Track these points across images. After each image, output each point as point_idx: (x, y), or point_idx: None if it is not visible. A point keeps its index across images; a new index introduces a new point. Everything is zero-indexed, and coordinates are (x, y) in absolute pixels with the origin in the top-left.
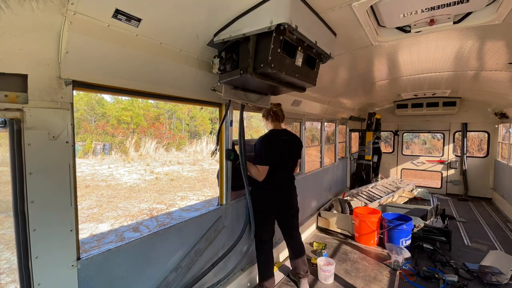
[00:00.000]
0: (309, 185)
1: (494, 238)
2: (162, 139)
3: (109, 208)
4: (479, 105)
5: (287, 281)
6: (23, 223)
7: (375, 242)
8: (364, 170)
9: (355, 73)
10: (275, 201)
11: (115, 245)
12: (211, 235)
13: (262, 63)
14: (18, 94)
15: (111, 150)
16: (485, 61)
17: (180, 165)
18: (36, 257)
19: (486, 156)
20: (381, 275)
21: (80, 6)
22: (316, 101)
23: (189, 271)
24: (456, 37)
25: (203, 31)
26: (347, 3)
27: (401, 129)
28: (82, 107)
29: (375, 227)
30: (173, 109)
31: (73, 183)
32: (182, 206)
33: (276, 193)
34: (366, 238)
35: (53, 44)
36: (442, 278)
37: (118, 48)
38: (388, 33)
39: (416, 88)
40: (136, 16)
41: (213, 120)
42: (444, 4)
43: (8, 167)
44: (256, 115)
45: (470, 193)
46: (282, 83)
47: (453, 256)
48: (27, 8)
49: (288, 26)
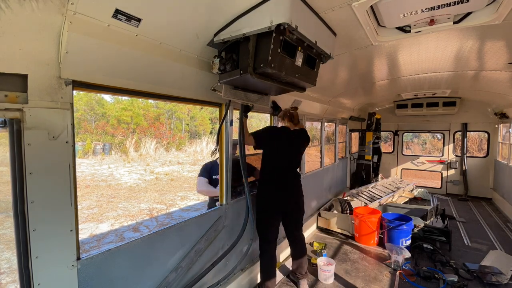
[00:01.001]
0: (309, 185)
1: (494, 238)
2: (162, 139)
3: (109, 208)
4: (479, 105)
5: (287, 281)
6: (23, 223)
7: (375, 242)
8: (364, 170)
9: (355, 73)
10: (281, 199)
11: (115, 245)
12: (211, 235)
13: (262, 63)
14: (18, 94)
15: (111, 150)
16: (485, 61)
17: (180, 165)
18: (36, 257)
19: (486, 156)
20: (381, 275)
21: (80, 6)
22: (316, 101)
23: (189, 271)
24: (456, 37)
25: (203, 31)
26: (347, 3)
27: (401, 129)
28: (82, 107)
29: (375, 227)
30: (173, 109)
31: (73, 183)
32: (182, 206)
33: (282, 192)
34: (366, 238)
35: (53, 44)
36: (442, 278)
37: (118, 48)
38: (388, 33)
39: (416, 88)
40: (136, 16)
41: (213, 120)
42: (444, 4)
43: (8, 167)
44: (256, 115)
45: (470, 193)
46: (282, 83)
47: (453, 256)
48: (27, 8)
49: (288, 26)
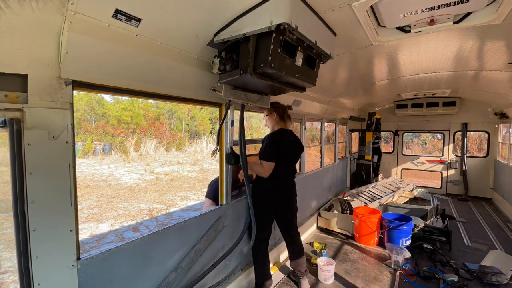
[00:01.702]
0: (309, 185)
1: (494, 238)
2: (162, 139)
3: (109, 208)
4: (479, 105)
5: (287, 281)
6: (23, 223)
7: (375, 242)
8: (364, 170)
9: (355, 73)
10: (276, 200)
11: (115, 245)
12: (211, 235)
13: (262, 63)
14: (18, 94)
15: (111, 150)
16: (485, 61)
17: (180, 165)
18: (36, 257)
19: (486, 156)
20: (381, 275)
21: (80, 6)
22: (316, 101)
23: (189, 271)
24: (456, 37)
25: (203, 31)
26: (347, 3)
27: (401, 129)
28: (82, 107)
29: (375, 227)
30: (173, 109)
31: (73, 183)
32: (182, 206)
33: (277, 193)
34: (366, 238)
35: (53, 44)
36: (442, 278)
37: (118, 48)
38: (388, 33)
39: (416, 88)
40: (136, 16)
41: (213, 120)
42: (444, 4)
43: (8, 167)
44: (256, 115)
45: (470, 193)
46: (282, 83)
47: (453, 256)
48: (27, 8)
49: (288, 26)
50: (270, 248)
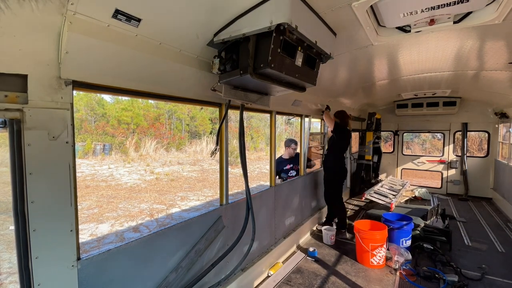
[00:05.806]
0: (309, 185)
1: (495, 238)
2: (162, 139)
3: (109, 209)
4: (479, 105)
5: (287, 281)
6: (23, 223)
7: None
8: (364, 170)
9: (355, 73)
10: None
11: (115, 245)
12: (211, 235)
13: (262, 63)
14: (18, 94)
15: (111, 150)
16: (485, 61)
17: (180, 165)
18: (36, 257)
19: (487, 156)
20: (382, 275)
21: (80, 6)
22: (316, 101)
23: (189, 271)
24: (456, 37)
25: (203, 31)
26: (347, 3)
27: (401, 129)
28: (82, 107)
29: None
30: (173, 109)
31: (73, 183)
32: (183, 207)
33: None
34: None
35: (53, 44)
36: (442, 278)
37: (118, 48)
38: (388, 33)
39: (416, 88)
40: (136, 16)
41: (213, 120)
42: (444, 4)
43: (8, 168)
44: (256, 115)
45: (470, 193)
46: (282, 83)
47: (453, 256)
48: (26, 8)
49: (288, 26)
50: (270, 248)
